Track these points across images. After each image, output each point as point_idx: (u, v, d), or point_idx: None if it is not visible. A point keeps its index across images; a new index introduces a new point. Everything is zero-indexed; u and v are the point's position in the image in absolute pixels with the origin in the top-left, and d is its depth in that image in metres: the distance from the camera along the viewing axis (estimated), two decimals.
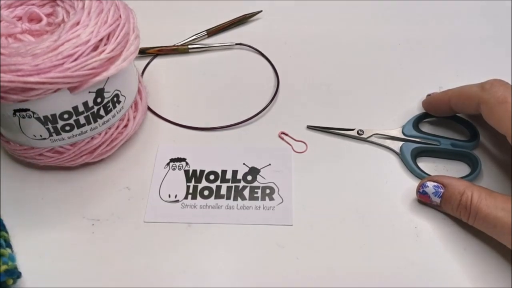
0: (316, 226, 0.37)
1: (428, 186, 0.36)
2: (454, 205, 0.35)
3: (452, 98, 0.39)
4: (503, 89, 0.34)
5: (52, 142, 0.37)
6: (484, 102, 0.35)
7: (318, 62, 0.49)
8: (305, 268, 0.35)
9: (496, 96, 0.34)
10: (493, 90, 0.35)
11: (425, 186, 0.36)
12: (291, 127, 0.43)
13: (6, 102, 0.33)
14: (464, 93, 0.37)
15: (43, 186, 0.39)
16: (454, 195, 0.34)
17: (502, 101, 0.34)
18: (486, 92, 0.35)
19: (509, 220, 0.31)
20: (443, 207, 0.36)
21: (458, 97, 0.38)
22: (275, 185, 0.39)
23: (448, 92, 0.40)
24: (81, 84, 0.33)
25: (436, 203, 0.36)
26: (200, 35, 0.51)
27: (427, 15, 0.54)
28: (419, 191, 0.36)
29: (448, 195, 0.35)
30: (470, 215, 0.33)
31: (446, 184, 0.35)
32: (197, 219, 0.37)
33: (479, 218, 0.33)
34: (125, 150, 0.41)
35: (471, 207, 0.33)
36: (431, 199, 0.36)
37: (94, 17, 0.34)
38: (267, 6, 0.54)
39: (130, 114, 0.40)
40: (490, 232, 0.33)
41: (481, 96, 0.35)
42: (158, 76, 0.48)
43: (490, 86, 0.35)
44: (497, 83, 0.35)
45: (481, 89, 0.36)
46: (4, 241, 0.34)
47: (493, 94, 0.34)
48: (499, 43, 0.50)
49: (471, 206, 0.33)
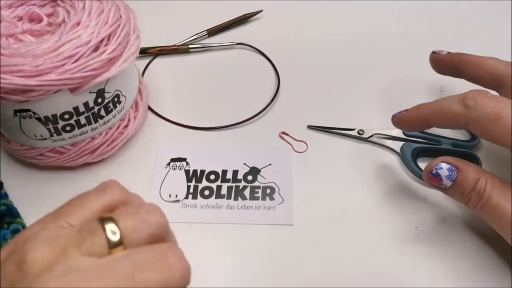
0: (317, 226, 0.37)
1: (442, 168, 0.33)
2: (466, 191, 0.32)
3: (432, 118, 0.35)
4: (490, 104, 0.31)
5: (52, 142, 0.37)
6: (473, 121, 0.32)
7: (318, 61, 0.49)
8: (305, 268, 0.35)
9: (485, 114, 0.31)
10: (479, 107, 0.31)
11: (439, 168, 0.33)
12: (292, 127, 0.43)
13: (7, 103, 0.33)
14: (445, 113, 0.33)
15: (44, 186, 0.39)
16: (468, 180, 0.32)
17: (495, 118, 0.31)
18: (473, 111, 0.31)
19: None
20: (450, 191, 0.33)
21: (439, 117, 0.34)
22: (276, 185, 0.39)
23: (424, 110, 0.35)
24: (81, 85, 0.33)
25: (445, 186, 0.33)
26: (201, 35, 0.51)
27: (428, 15, 0.54)
28: (431, 172, 0.33)
29: (461, 179, 0.32)
30: (479, 202, 0.32)
31: (461, 168, 0.33)
32: (198, 219, 0.37)
33: (488, 207, 0.32)
34: (125, 150, 0.42)
35: (484, 194, 0.31)
36: (442, 182, 0.33)
37: (95, 17, 0.34)
38: (267, 6, 0.54)
39: (130, 114, 0.40)
40: (493, 223, 0.32)
41: (467, 115, 0.32)
42: (158, 76, 0.48)
43: (474, 102, 0.31)
44: (480, 97, 0.32)
45: (464, 107, 0.32)
46: (22, 227, 0.35)
47: (481, 111, 0.31)
48: (499, 43, 0.50)
49: (484, 194, 0.31)
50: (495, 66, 0.35)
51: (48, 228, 0.22)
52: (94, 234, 0.21)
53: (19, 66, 0.31)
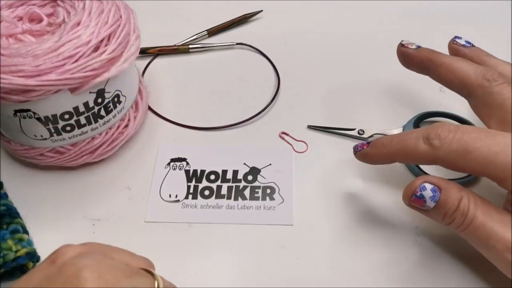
0: (317, 226, 0.37)
1: (427, 189, 0.31)
2: (450, 211, 0.30)
3: (398, 157, 0.33)
4: (455, 139, 0.30)
5: (53, 142, 0.37)
6: (442, 160, 0.31)
7: (318, 61, 0.49)
8: (305, 268, 0.35)
9: (453, 151, 0.30)
10: (445, 145, 0.30)
11: (423, 189, 0.31)
12: (292, 127, 0.43)
13: (7, 103, 0.33)
14: (412, 154, 0.32)
15: (44, 186, 0.39)
16: (451, 200, 0.30)
17: (464, 154, 0.29)
18: (439, 150, 0.30)
19: (507, 234, 0.29)
20: (432, 212, 0.31)
21: (406, 157, 0.33)
22: (276, 185, 0.39)
23: (388, 149, 0.33)
24: (81, 85, 0.33)
25: (428, 208, 0.31)
26: (201, 35, 0.51)
27: (428, 15, 0.54)
28: (415, 194, 0.31)
29: (444, 199, 0.30)
30: (464, 222, 0.30)
31: (443, 188, 0.31)
32: (198, 219, 0.37)
33: (472, 227, 0.30)
34: (125, 150, 0.42)
35: (468, 213, 0.30)
36: (425, 204, 0.31)
37: (95, 17, 0.34)
38: (267, 6, 0.54)
39: (130, 114, 0.40)
40: (478, 243, 0.30)
41: (435, 155, 0.31)
42: (158, 76, 0.48)
43: (439, 141, 0.30)
44: (444, 133, 0.30)
45: (430, 147, 0.30)
46: (21, 227, 0.35)
47: (448, 149, 0.30)
48: (499, 43, 0.50)
49: (468, 213, 0.30)
50: (466, 73, 0.33)
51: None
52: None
53: (19, 66, 0.31)
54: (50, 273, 0.24)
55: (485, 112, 0.33)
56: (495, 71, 0.33)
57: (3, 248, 0.33)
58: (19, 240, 0.34)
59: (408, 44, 0.38)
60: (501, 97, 0.32)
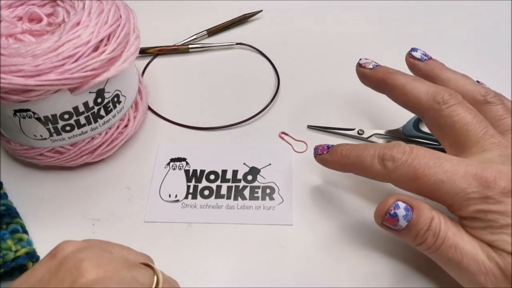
0: (316, 226, 0.37)
1: (400, 208, 0.30)
2: (422, 231, 0.30)
3: (354, 170, 0.34)
4: (407, 163, 0.30)
5: (52, 142, 0.37)
6: (395, 182, 0.31)
7: (318, 61, 0.49)
8: (305, 268, 0.35)
9: (404, 175, 0.30)
10: (397, 168, 0.30)
11: (397, 207, 0.30)
12: (292, 127, 0.43)
13: (7, 103, 0.33)
14: (367, 170, 0.32)
15: (44, 186, 0.39)
16: (423, 219, 0.29)
17: (413, 179, 0.30)
18: (392, 172, 0.31)
19: (480, 256, 0.28)
20: (403, 232, 0.30)
21: (361, 171, 0.33)
22: (276, 185, 0.39)
23: (346, 160, 0.33)
24: (81, 85, 0.33)
25: (400, 227, 0.30)
26: (201, 35, 0.51)
27: (428, 15, 0.54)
28: (389, 212, 0.30)
29: (416, 218, 0.30)
30: (435, 243, 0.29)
31: (416, 207, 0.30)
32: (197, 219, 0.37)
33: (444, 248, 0.29)
34: (125, 150, 0.42)
35: (439, 234, 0.29)
36: (398, 223, 0.30)
37: (95, 17, 0.34)
38: (267, 6, 0.54)
39: (130, 114, 0.40)
40: (450, 264, 0.30)
41: (388, 176, 0.31)
42: (158, 76, 0.48)
43: (393, 163, 0.31)
44: (398, 155, 0.31)
45: (384, 169, 0.31)
46: (21, 227, 0.35)
47: (400, 173, 0.30)
48: (499, 44, 0.50)
49: (439, 233, 0.29)
50: (418, 96, 0.33)
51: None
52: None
53: (19, 66, 0.31)
54: (50, 266, 0.25)
55: (438, 134, 0.34)
56: (446, 92, 0.32)
57: (3, 248, 0.33)
58: (18, 240, 0.34)
59: (366, 63, 0.38)
60: (451, 120, 0.32)
